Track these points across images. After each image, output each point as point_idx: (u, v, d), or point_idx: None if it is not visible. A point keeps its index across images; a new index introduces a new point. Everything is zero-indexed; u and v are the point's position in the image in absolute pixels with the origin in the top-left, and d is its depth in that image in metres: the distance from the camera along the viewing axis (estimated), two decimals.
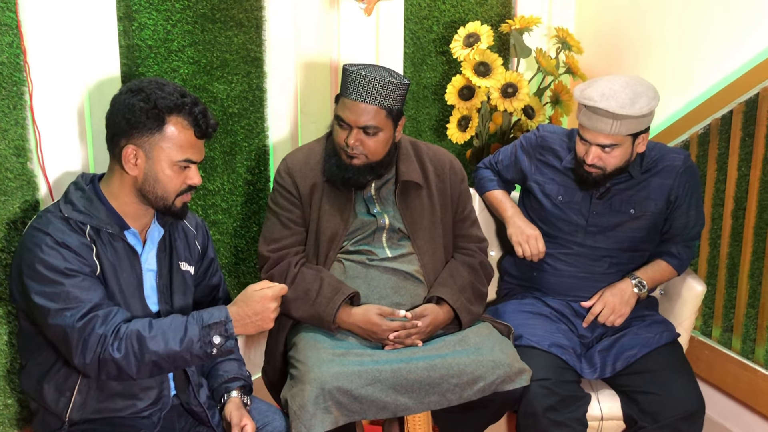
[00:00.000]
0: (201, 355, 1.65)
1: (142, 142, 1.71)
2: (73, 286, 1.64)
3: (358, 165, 2.13)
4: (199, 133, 1.74)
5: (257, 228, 2.65)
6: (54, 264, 1.64)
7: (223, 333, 1.65)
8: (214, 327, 1.65)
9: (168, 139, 1.71)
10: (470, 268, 2.27)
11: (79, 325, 1.61)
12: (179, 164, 1.74)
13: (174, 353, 1.64)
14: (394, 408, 1.96)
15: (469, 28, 2.81)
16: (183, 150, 1.73)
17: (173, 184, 1.75)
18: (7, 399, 1.94)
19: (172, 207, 1.77)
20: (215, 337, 1.65)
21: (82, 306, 1.63)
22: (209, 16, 2.34)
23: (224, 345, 1.66)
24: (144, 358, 1.63)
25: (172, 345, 1.63)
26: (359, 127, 2.08)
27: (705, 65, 2.64)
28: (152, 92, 1.70)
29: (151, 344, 1.63)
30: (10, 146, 1.87)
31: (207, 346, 1.65)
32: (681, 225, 2.37)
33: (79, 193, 1.74)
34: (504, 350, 2.08)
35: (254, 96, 2.54)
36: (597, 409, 2.21)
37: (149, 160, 1.72)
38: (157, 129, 1.70)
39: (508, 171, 2.53)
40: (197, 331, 1.65)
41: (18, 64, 1.86)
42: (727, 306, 2.63)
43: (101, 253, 1.72)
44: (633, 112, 2.12)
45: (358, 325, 2.10)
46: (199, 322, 1.66)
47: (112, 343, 1.62)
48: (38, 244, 1.65)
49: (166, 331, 1.65)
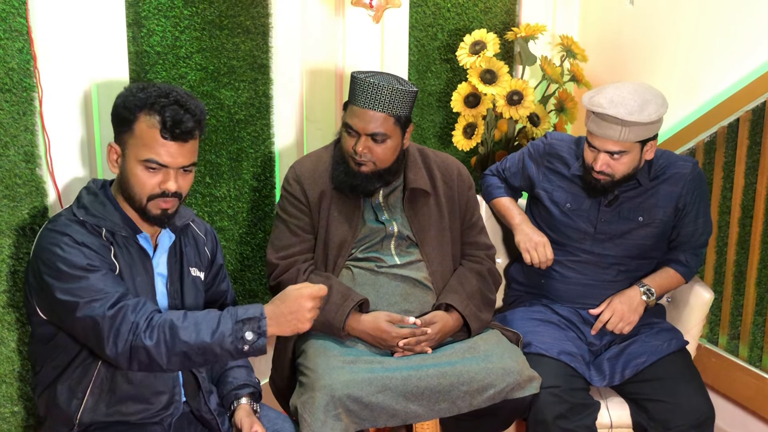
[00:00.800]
0: (232, 350, 1.61)
1: (120, 140, 1.72)
2: (98, 280, 1.63)
3: (367, 172, 2.12)
4: (165, 132, 1.67)
5: (263, 235, 2.64)
6: (75, 261, 1.63)
7: (256, 330, 1.61)
8: (247, 322, 1.61)
9: (136, 136, 1.69)
10: (478, 275, 2.27)
11: (110, 313, 1.59)
12: (144, 164, 1.69)
13: (205, 345, 1.60)
14: (404, 415, 1.96)
15: (475, 35, 2.81)
16: (147, 149, 1.68)
17: (143, 186, 1.70)
18: (15, 406, 1.93)
19: (146, 211, 1.73)
20: (248, 333, 1.61)
21: (111, 296, 1.61)
22: (217, 22, 2.34)
23: (256, 342, 1.61)
24: (175, 347, 1.60)
25: (203, 336, 1.60)
26: (367, 135, 2.08)
27: (711, 73, 2.65)
28: (132, 91, 1.70)
29: (182, 334, 1.60)
30: (20, 152, 1.86)
31: (238, 342, 1.60)
32: (689, 233, 2.37)
33: (91, 197, 1.74)
34: (514, 358, 2.08)
35: (261, 103, 2.54)
36: (606, 416, 2.20)
37: (123, 158, 1.72)
38: (128, 127, 1.69)
39: (516, 178, 2.53)
40: (230, 325, 1.61)
41: (28, 69, 1.86)
42: (734, 314, 2.63)
43: (118, 255, 1.72)
44: (642, 119, 2.12)
45: (368, 332, 2.09)
46: (233, 316, 1.62)
47: (145, 330, 1.59)
48: (57, 244, 1.64)
49: (200, 323, 1.62)
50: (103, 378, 1.73)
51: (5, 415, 1.91)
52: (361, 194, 2.16)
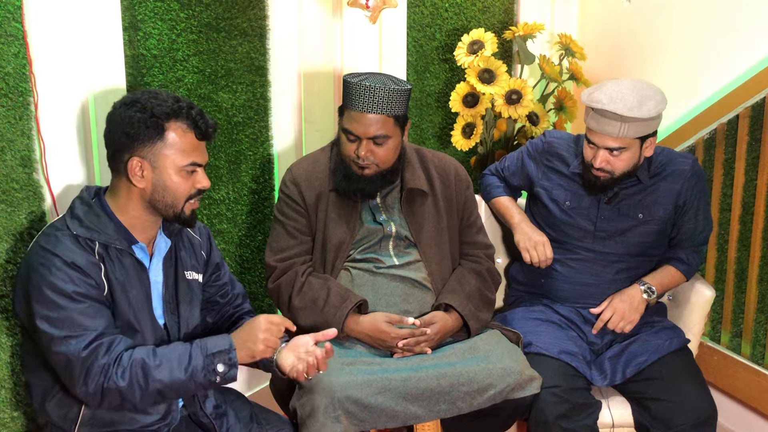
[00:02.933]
0: (204, 383, 1.66)
1: (145, 153, 1.69)
2: (80, 313, 1.62)
3: (370, 175, 2.12)
4: (200, 134, 1.72)
5: (262, 237, 2.64)
6: (62, 287, 1.61)
7: (227, 362, 1.66)
8: (218, 355, 1.66)
9: (170, 145, 1.69)
10: (477, 275, 2.26)
11: (84, 354, 1.60)
12: (186, 168, 1.72)
13: (179, 382, 1.64)
14: (404, 417, 1.95)
15: (473, 35, 2.80)
16: (187, 154, 1.71)
17: (182, 189, 1.73)
18: (14, 412, 1.93)
19: (182, 214, 1.76)
20: (219, 365, 1.65)
21: (87, 334, 1.61)
22: (214, 25, 2.34)
23: (228, 373, 1.67)
24: (149, 387, 1.62)
25: (177, 374, 1.63)
26: (369, 138, 2.07)
27: (710, 70, 2.64)
28: (147, 102, 1.68)
29: (155, 373, 1.62)
30: (16, 157, 1.86)
31: (211, 375, 1.65)
32: (689, 230, 2.36)
33: (85, 207, 1.71)
34: (514, 358, 2.07)
35: (258, 105, 2.54)
36: (608, 416, 2.19)
37: (156, 169, 1.70)
38: (158, 137, 1.68)
39: (515, 177, 2.52)
40: (201, 360, 1.65)
41: (24, 74, 1.86)
42: (736, 311, 2.62)
43: (109, 271, 1.70)
44: (641, 115, 2.11)
45: (367, 333, 2.09)
46: (203, 350, 1.66)
47: (116, 372, 1.60)
48: (47, 266, 1.63)
49: (171, 360, 1.64)
50: None
51: (5, 420, 1.91)
52: (366, 197, 2.16)
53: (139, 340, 1.73)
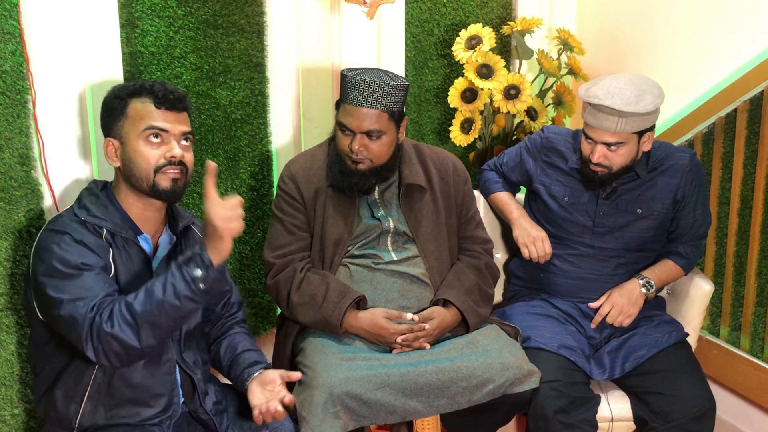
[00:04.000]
0: (189, 294, 1.62)
1: (115, 133, 1.75)
2: (89, 278, 1.65)
3: (364, 170, 2.12)
4: (157, 101, 1.73)
5: (261, 234, 2.64)
6: (70, 259, 1.64)
7: (200, 263, 1.62)
8: (190, 262, 1.63)
9: (131, 117, 1.74)
10: (476, 270, 2.27)
11: (90, 314, 1.61)
12: (144, 134, 1.73)
13: (162, 302, 1.61)
14: (403, 412, 1.95)
15: (471, 30, 2.80)
16: (145, 121, 1.73)
17: (147, 158, 1.73)
18: (15, 409, 1.93)
19: (156, 186, 1.74)
20: (195, 270, 1.61)
21: (94, 296, 1.63)
22: (211, 22, 2.34)
23: (207, 275, 1.62)
24: (137, 321, 1.61)
25: (157, 296, 1.61)
26: (363, 132, 2.07)
27: (709, 64, 2.64)
28: (118, 86, 1.76)
29: (138, 306, 1.61)
30: (15, 155, 1.86)
31: (191, 282, 1.61)
32: (688, 224, 2.36)
33: (93, 198, 1.76)
34: (513, 352, 2.07)
35: (257, 102, 2.54)
36: (607, 410, 2.19)
37: (123, 145, 1.75)
38: (121, 114, 1.74)
39: (513, 173, 2.52)
40: (176, 272, 1.62)
41: (21, 72, 1.86)
42: (735, 305, 2.62)
43: (116, 257, 1.73)
44: (638, 110, 2.11)
45: (366, 328, 2.09)
46: (176, 264, 1.64)
47: (106, 322, 1.60)
48: (56, 242, 1.66)
49: (149, 288, 1.63)
50: (101, 383, 1.73)
51: (5, 417, 1.92)
52: (359, 192, 2.16)
53: None
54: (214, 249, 1.64)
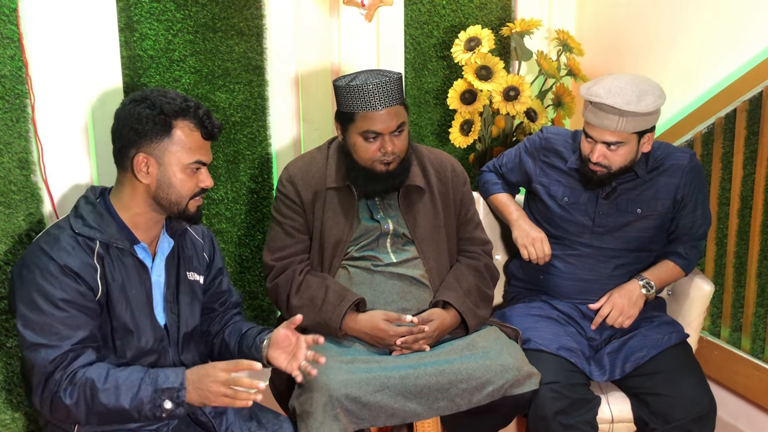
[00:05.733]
0: (150, 416, 1.65)
1: (152, 149, 1.71)
2: (60, 321, 1.63)
3: (395, 168, 2.13)
4: (206, 134, 1.75)
5: (262, 236, 2.64)
6: (50, 293, 1.63)
7: (175, 399, 1.64)
8: (167, 392, 1.64)
9: (177, 143, 1.71)
10: (475, 271, 2.27)
11: (49, 368, 1.62)
12: (190, 167, 1.74)
13: (123, 410, 1.63)
14: (403, 414, 1.96)
15: (470, 32, 2.80)
16: (192, 152, 1.73)
17: (186, 187, 1.75)
18: (15, 413, 1.94)
19: (186, 211, 1.78)
20: (167, 402, 1.64)
21: (59, 346, 1.63)
22: (210, 25, 2.35)
23: (174, 411, 1.65)
24: (94, 407, 1.63)
25: (122, 401, 1.63)
26: (391, 132, 2.08)
27: (708, 64, 2.64)
28: (156, 99, 1.71)
29: (102, 397, 1.62)
30: (14, 159, 1.87)
31: (157, 410, 1.64)
32: (688, 224, 2.36)
33: (89, 207, 1.74)
34: (512, 354, 2.07)
35: (256, 104, 2.54)
36: (607, 411, 2.19)
37: (161, 166, 1.72)
38: (165, 134, 1.70)
39: (513, 174, 2.52)
40: (149, 393, 1.63)
41: (20, 76, 1.86)
42: (736, 305, 2.62)
43: (107, 273, 1.71)
44: (639, 109, 2.11)
45: (365, 331, 2.09)
46: (153, 383, 1.64)
47: (65, 389, 1.62)
48: (40, 267, 1.64)
49: (120, 386, 1.63)
50: None
51: (6, 421, 1.92)
52: (396, 190, 2.17)
53: (134, 342, 1.75)
54: (196, 396, 1.65)
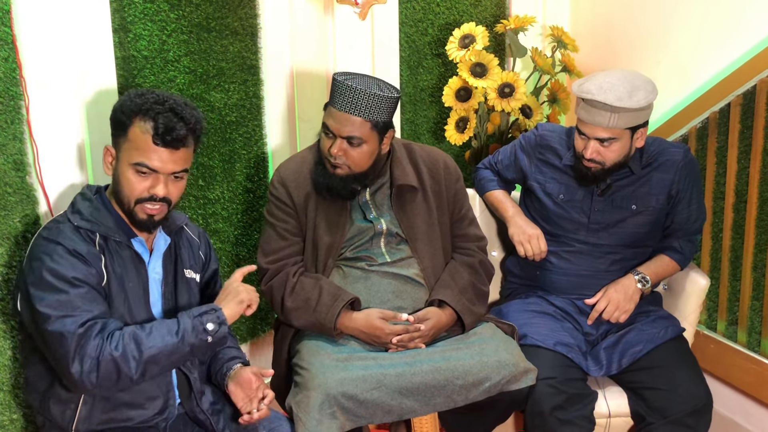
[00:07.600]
0: (197, 343, 1.69)
1: (115, 144, 1.76)
2: (78, 296, 1.65)
3: (341, 175, 2.11)
4: (157, 139, 1.70)
5: (258, 236, 2.64)
6: (62, 272, 1.65)
7: (215, 320, 1.72)
8: (205, 315, 1.72)
9: (130, 140, 1.72)
10: (470, 268, 2.27)
11: (80, 331, 1.62)
12: (135, 167, 1.72)
13: (172, 345, 1.67)
14: (399, 411, 1.96)
15: (464, 29, 2.81)
16: (139, 153, 1.71)
17: (132, 189, 1.73)
18: (13, 414, 1.94)
19: (134, 214, 1.76)
20: (208, 324, 1.71)
21: (83, 314, 1.64)
22: (204, 25, 2.35)
23: (218, 331, 1.71)
24: (143, 355, 1.64)
25: (168, 338, 1.67)
26: (343, 137, 2.07)
27: (701, 59, 2.64)
28: (130, 96, 1.74)
29: (147, 340, 1.65)
30: (9, 160, 1.87)
31: (202, 334, 1.70)
32: (683, 219, 2.36)
33: (86, 203, 1.76)
34: (509, 350, 2.08)
35: (251, 104, 2.55)
36: (604, 406, 2.20)
37: (117, 161, 1.75)
38: (123, 131, 1.73)
39: (508, 171, 2.53)
40: (190, 322, 1.70)
41: (14, 78, 1.86)
42: (732, 299, 2.62)
43: (108, 263, 1.74)
44: (631, 105, 2.12)
45: (361, 329, 2.09)
46: (190, 314, 1.72)
47: (110, 344, 1.63)
48: (49, 254, 1.67)
49: (161, 328, 1.69)
50: None
51: (4, 422, 1.92)
52: (337, 196, 2.15)
53: None
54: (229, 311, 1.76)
